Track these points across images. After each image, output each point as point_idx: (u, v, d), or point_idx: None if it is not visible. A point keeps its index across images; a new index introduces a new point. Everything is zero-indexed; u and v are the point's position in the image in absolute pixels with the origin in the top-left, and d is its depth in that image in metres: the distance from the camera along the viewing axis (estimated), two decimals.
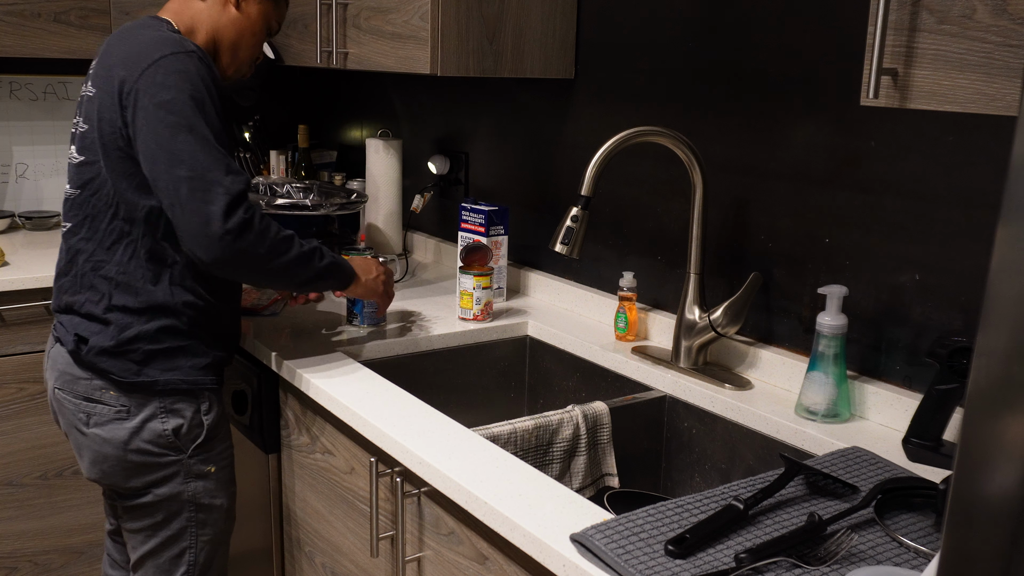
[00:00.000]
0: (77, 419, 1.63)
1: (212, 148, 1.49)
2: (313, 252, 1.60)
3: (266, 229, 1.51)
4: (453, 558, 1.36)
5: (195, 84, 1.50)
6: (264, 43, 1.77)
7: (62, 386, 1.64)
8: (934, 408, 1.36)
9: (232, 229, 1.46)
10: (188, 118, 1.48)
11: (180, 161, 1.47)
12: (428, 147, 2.58)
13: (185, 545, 1.70)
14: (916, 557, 1.09)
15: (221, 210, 1.46)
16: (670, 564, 1.05)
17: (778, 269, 1.66)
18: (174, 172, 1.47)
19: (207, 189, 1.46)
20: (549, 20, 2.00)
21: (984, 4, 0.97)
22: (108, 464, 1.63)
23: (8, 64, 2.76)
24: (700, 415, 1.65)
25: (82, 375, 1.62)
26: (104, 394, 1.61)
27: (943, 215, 1.41)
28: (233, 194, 1.47)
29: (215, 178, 1.47)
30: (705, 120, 1.77)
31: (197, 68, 1.52)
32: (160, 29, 1.60)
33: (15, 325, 2.36)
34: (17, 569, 2.46)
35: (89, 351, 1.60)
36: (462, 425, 1.46)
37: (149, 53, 1.52)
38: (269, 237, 1.52)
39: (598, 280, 2.06)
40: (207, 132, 1.49)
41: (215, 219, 1.45)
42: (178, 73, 1.50)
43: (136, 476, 1.64)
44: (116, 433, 1.61)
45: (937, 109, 1.03)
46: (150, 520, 1.68)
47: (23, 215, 2.85)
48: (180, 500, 1.67)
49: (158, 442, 1.62)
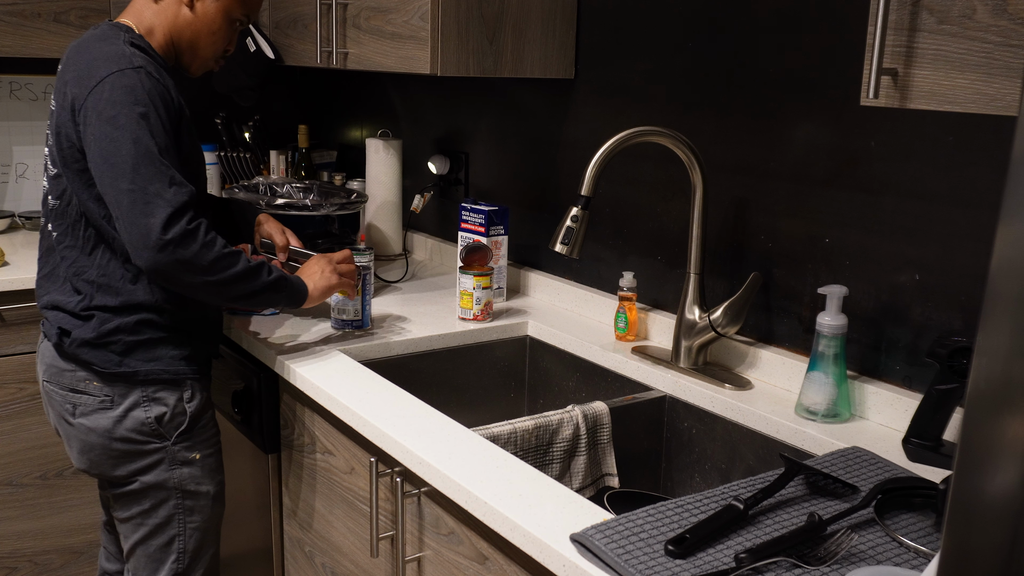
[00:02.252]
0: (64, 410, 1.69)
1: (154, 161, 1.52)
2: (260, 267, 1.62)
3: (211, 242, 1.54)
4: (453, 558, 1.36)
5: (139, 99, 1.53)
6: (232, 37, 1.77)
7: (49, 378, 1.71)
8: (934, 408, 1.36)
9: (172, 240, 1.50)
10: (132, 132, 1.51)
11: (122, 174, 1.51)
12: (428, 147, 2.58)
13: (174, 533, 1.74)
14: (916, 557, 1.09)
15: (161, 222, 1.49)
16: (670, 564, 1.05)
17: (778, 269, 1.66)
18: (117, 185, 1.51)
19: (148, 201, 1.50)
20: (549, 20, 2.00)
21: (984, 4, 0.97)
22: (95, 453, 1.68)
23: (8, 64, 2.76)
24: (700, 415, 1.65)
25: (66, 367, 1.68)
26: (88, 385, 1.67)
27: (943, 215, 1.41)
28: (174, 205, 1.51)
29: (156, 190, 1.50)
30: (705, 120, 1.77)
31: (143, 83, 1.55)
32: (115, 41, 1.61)
33: (15, 325, 2.36)
34: (17, 569, 2.46)
35: (72, 343, 1.65)
36: (462, 425, 1.46)
37: (97, 70, 1.56)
38: (214, 250, 1.54)
39: (598, 280, 2.06)
40: (151, 145, 1.52)
41: (155, 230, 1.49)
42: (123, 89, 1.53)
43: (122, 464, 1.69)
44: (100, 422, 1.66)
45: (937, 109, 1.03)
46: (138, 508, 1.72)
47: (23, 215, 2.85)
48: (166, 487, 1.71)
49: (141, 430, 1.67)
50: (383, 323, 1.98)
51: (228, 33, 1.75)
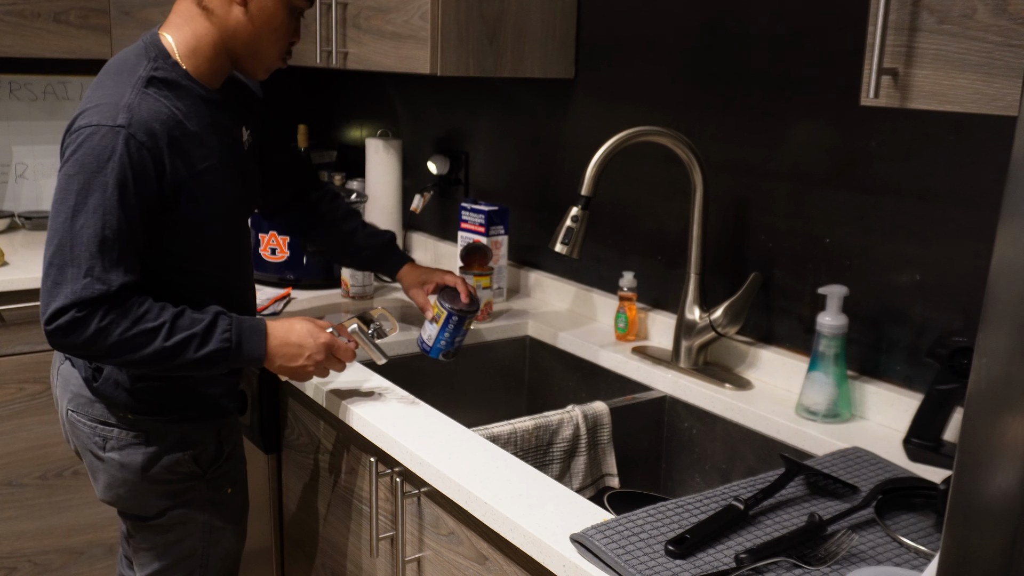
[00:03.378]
0: (92, 443, 1.57)
1: (82, 244, 1.37)
2: (182, 345, 1.42)
3: (103, 331, 1.37)
4: (453, 558, 1.36)
5: (102, 167, 1.37)
6: (296, 27, 1.57)
7: (75, 408, 1.57)
8: (934, 408, 1.36)
9: (52, 331, 1.38)
10: (77, 204, 1.37)
11: (51, 242, 1.40)
12: (428, 147, 2.58)
13: (195, 564, 1.65)
14: (916, 557, 1.09)
15: (55, 308, 1.37)
16: (670, 564, 1.05)
17: (778, 269, 1.66)
18: (46, 250, 1.41)
19: (57, 283, 1.38)
20: (549, 20, 2.00)
21: (984, 4, 0.97)
22: (124, 489, 1.57)
23: (8, 64, 2.76)
24: (700, 415, 1.65)
25: (96, 399, 1.55)
26: (122, 418, 1.55)
27: (943, 215, 1.41)
28: (73, 298, 1.36)
29: (69, 276, 1.37)
30: (705, 120, 1.77)
31: (117, 150, 1.37)
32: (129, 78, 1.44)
33: (15, 325, 2.36)
34: (17, 569, 2.46)
35: (105, 382, 1.53)
36: (462, 425, 1.46)
37: (85, 114, 1.41)
38: (107, 341, 1.38)
39: (598, 280, 2.06)
40: (91, 225, 1.36)
41: (46, 314, 1.38)
42: (92, 152, 1.37)
43: (153, 502, 1.59)
44: (134, 458, 1.55)
45: (937, 109, 1.03)
46: (162, 540, 1.62)
47: (23, 215, 2.85)
48: (196, 522, 1.62)
49: (176, 469, 1.57)
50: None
51: (291, 25, 1.54)
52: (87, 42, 2.63)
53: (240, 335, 1.47)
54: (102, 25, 2.65)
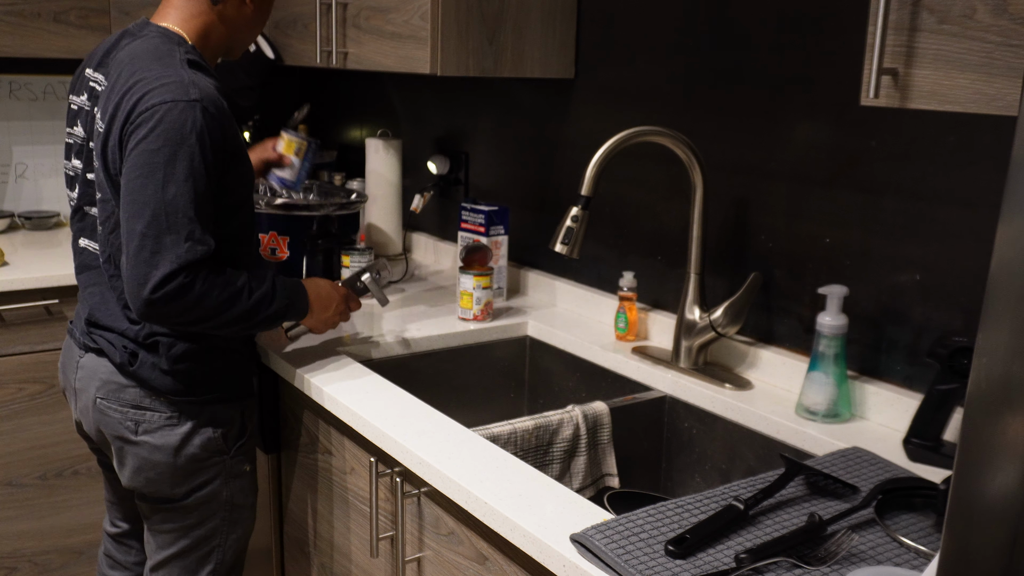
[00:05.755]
0: (124, 428, 1.61)
1: (179, 210, 1.43)
2: (260, 304, 1.54)
3: (205, 295, 1.46)
4: (453, 558, 1.36)
5: (186, 138, 1.44)
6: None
7: (106, 395, 1.61)
8: (934, 408, 1.36)
9: (158, 299, 1.43)
10: (166, 175, 1.43)
11: (140, 215, 1.43)
12: (428, 147, 2.58)
13: (215, 544, 1.69)
14: (916, 557, 1.09)
15: (161, 276, 1.42)
16: (670, 564, 1.05)
17: (778, 269, 1.66)
18: (133, 225, 1.44)
19: (156, 251, 1.42)
20: (549, 20, 2.00)
21: (984, 4, 0.97)
22: (156, 471, 1.61)
23: (8, 64, 2.76)
24: (700, 415, 1.65)
25: (128, 383, 1.60)
26: (154, 402, 1.60)
27: (943, 215, 1.41)
28: (180, 262, 1.42)
29: (170, 242, 1.42)
30: (705, 120, 1.77)
31: (196, 121, 1.45)
32: (172, 61, 1.51)
33: (15, 325, 2.36)
34: (17, 569, 2.46)
35: (142, 365, 1.58)
36: (462, 425, 1.46)
37: (151, 97, 1.45)
38: (208, 303, 1.46)
39: (598, 280, 2.06)
40: (183, 192, 1.43)
41: (148, 283, 1.42)
42: (172, 125, 1.44)
43: (182, 482, 1.63)
44: (168, 439, 1.60)
45: (937, 109, 1.03)
46: (183, 522, 1.66)
47: (23, 215, 2.85)
48: (219, 501, 1.67)
49: (208, 446, 1.62)
50: (383, 323, 1.98)
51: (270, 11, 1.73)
52: (87, 42, 2.63)
53: (292, 293, 1.62)
54: (102, 25, 2.65)
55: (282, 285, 1.60)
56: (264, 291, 1.55)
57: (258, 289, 1.54)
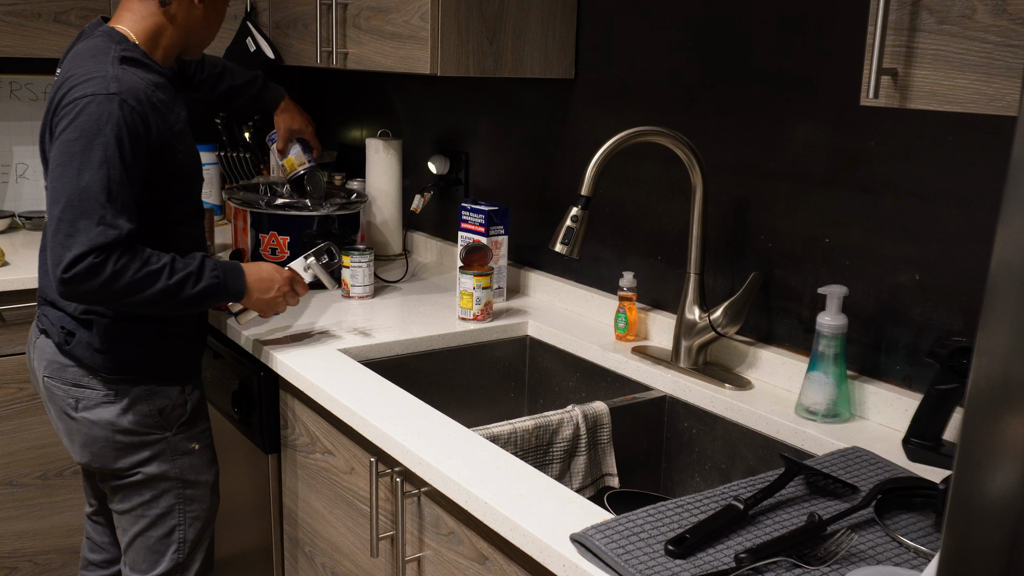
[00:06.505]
0: (66, 404, 1.72)
1: (91, 197, 1.50)
2: (184, 282, 1.58)
3: (117, 274, 1.51)
4: (453, 558, 1.36)
5: (102, 129, 1.51)
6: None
7: (50, 374, 1.73)
8: (934, 408, 1.36)
9: (70, 278, 1.49)
10: (82, 163, 1.50)
11: (57, 201, 1.51)
12: (428, 147, 2.58)
13: (174, 523, 1.78)
14: (916, 557, 1.09)
15: (72, 257, 1.48)
16: (670, 564, 1.05)
17: (778, 269, 1.66)
18: (52, 210, 1.52)
19: (69, 235, 1.49)
20: (549, 20, 2.00)
21: (984, 4, 0.97)
22: (97, 446, 1.71)
23: (8, 64, 2.76)
24: (700, 415, 1.65)
25: (68, 363, 1.70)
26: (91, 380, 1.70)
27: (943, 215, 1.41)
28: (91, 245, 1.48)
29: (83, 227, 1.49)
30: (705, 120, 1.77)
31: (112, 114, 1.52)
32: (103, 59, 1.59)
33: (15, 325, 2.36)
34: (17, 569, 2.46)
35: (76, 345, 1.69)
36: (462, 425, 1.46)
37: (75, 91, 1.55)
38: (122, 281, 1.52)
39: (598, 280, 2.06)
40: (97, 179, 1.50)
41: (62, 263, 1.49)
42: (90, 117, 1.52)
43: (125, 456, 1.72)
44: (104, 415, 1.70)
45: (937, 109, 1.03)
46: (139, 499, 1.76)
47: (23, 215, 2.85)
48: (168, 478, 1.76)
49: (144, 422, 1.72)
50: (383, 323, 1.98)
51: (224, 12, 1.80)
52: None
53: (225, 273, 1.66)
54: None
55: (213, 265, 1.64)
56: (190, 271, 1.60)
57: (183, 269, 1.59)
